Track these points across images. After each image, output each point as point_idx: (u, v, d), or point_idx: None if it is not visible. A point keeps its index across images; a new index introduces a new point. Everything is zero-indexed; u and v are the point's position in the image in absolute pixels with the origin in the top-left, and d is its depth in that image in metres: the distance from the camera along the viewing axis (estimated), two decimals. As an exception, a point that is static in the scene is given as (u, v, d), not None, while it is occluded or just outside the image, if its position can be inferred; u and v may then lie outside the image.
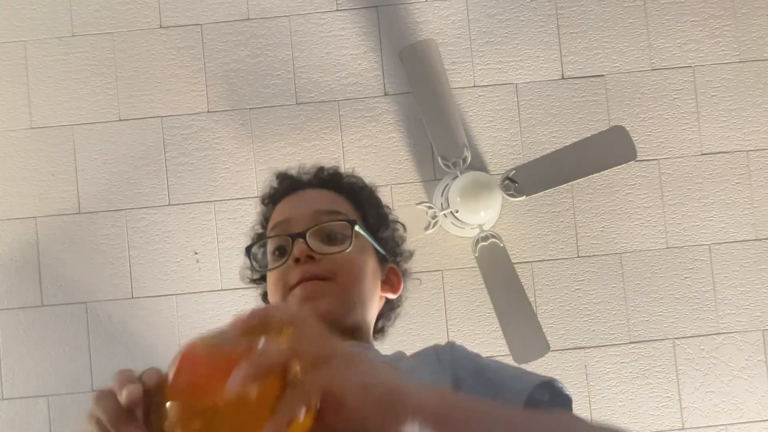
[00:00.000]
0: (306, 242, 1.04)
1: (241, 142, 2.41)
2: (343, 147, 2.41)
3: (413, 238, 2.23)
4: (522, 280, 2.23)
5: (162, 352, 2.36)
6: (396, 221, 1.24)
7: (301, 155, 2.41)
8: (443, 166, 2.24)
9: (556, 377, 0.89)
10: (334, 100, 2.42)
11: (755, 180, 2.45)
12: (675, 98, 2.45)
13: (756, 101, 2.46)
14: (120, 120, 2.41)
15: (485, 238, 2.24)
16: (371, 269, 1.10)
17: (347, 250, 1.05)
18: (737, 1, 2.46)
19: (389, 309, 1.17)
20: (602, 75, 2.45)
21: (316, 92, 2.42)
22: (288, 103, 2.42)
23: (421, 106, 2.23)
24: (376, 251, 1.13)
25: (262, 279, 1.18)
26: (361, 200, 1.17)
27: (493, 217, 2.33)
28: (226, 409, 0.57)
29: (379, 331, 1.16)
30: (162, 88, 2.42)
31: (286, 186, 1.18)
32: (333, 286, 1.03)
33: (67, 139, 2.40)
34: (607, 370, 2.40)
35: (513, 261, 2.25)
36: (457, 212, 2.23)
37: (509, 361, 2.24)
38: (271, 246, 1.10)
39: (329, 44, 2.44)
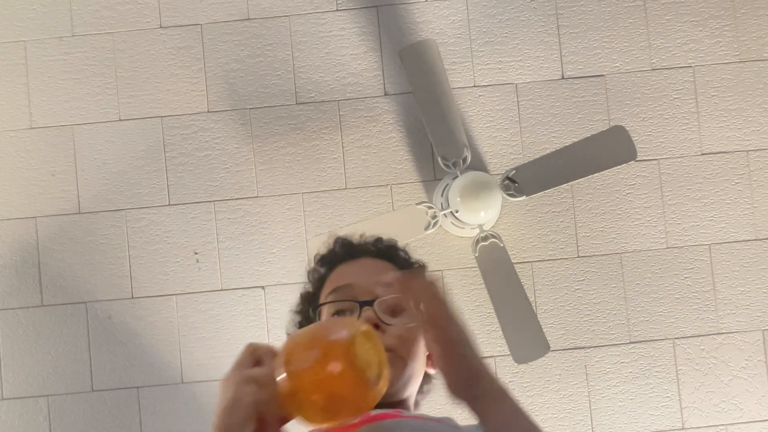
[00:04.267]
0: (375, 311, 1.06)
1: (241, 142, 2.41)
2: (343, 147, 2.41)
3: (413, 238, 2.23)
4: (522, 280, 2.23)
5: (162, 352, 2.36)
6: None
7: (301, 155, 2.41)
8: (443, 166, 2.24)
9: None
10: (334, 100, 2.42)
11: (755, 180, 2.45)
12: (675, 98, 2.45)
13: (756, 101, 2.46)
14: (120, 120, 2.41)
15: (485, 238, 2.24)
16: (423, 345, 1.11)
17: (412, 325, 1.06)
18: (737, 1, 2.46)
19: (425, 383, 1.18)
20: (602, 75, 2.45)
21: (316, 92, 2.42)
22: (288, 103, 2.42)
23: (421, 106, 2.23)
24: None
25: None
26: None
27: (493, 217, 2.33)
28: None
29: (415, 406, 1.17)
30: (162, 88, 2.42)
31: (346, 251, 1.20)
32: (393, 359, 1.03)
33: (67, 139, 2.40)
34: (607, 370, 2.40)
35: (513, 261, 2.25)
36: (457, 212, 2.23)
37: (509, 361, 2.24)
38: (330, 309, 1.11)
39: (329, 44, 2.44)
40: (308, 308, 1.17)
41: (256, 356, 0.93)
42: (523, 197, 2.22)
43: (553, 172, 2.23)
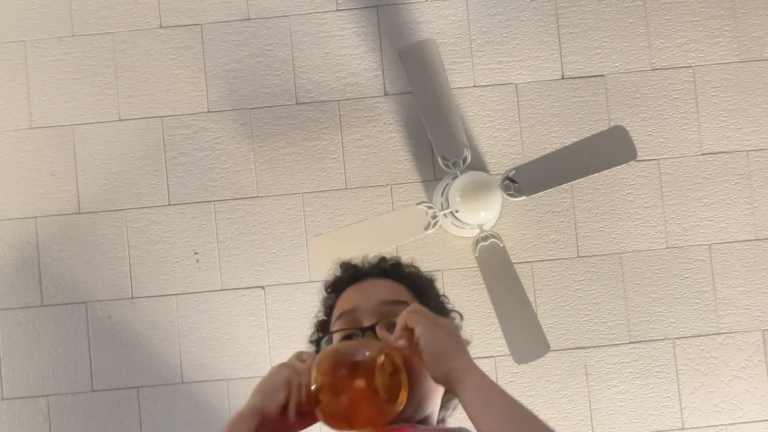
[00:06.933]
0: (376, 335, 1.09)
1: (241, 142, 2.41)
2: (343, 147, 2.41)
3: (413, 238, 2.23)
4: (522, 280, 2.23)
5: (162, 352, 2.36)
6: (453, 310, 1.29)
7: (301, 155, 2.41)
8: (443, 166, 2.24)
9: None
10: (334, 100, 2.42)
11: (755, 180, 2.45)
12: (675, 98, 2.45)
13: (756, 101, 2.46)
14: (120, 120, 2.41)
15: (485, 238, 2.24)
16: None
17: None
18: (737, 1, 2.46)
19: (447, 399, 1.20)
20: (602, 75, 2.45)
21: (316, 92, 2.42)
22: (288, 103, 2.42)
23: (421, 106, 2.23)
24: None
25: None
26: (421, 290, 1.22)
27: (493, 217, 2.33)
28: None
29: (440, 422, 1.19)
30: (162, 88, 2.42)
31: (350, 275, 1.23)
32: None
33: (67, 139, 2.40)
34: (607, 370, 2.40)
35: (513, 261, 2.25)
36: (457, 212, 2.23)
37: (509, 361, 2.24)
38: (338, 336, 1.15)
39: (329, 44, 2.44)
40: (320, 337, 1.21)
41: (302, 358, 1.06)
42: (523, 197, 2.22)
43: (553, 172, 2.23)
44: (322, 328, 1.23)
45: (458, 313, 1.28)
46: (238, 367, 2.35)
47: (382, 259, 1.26)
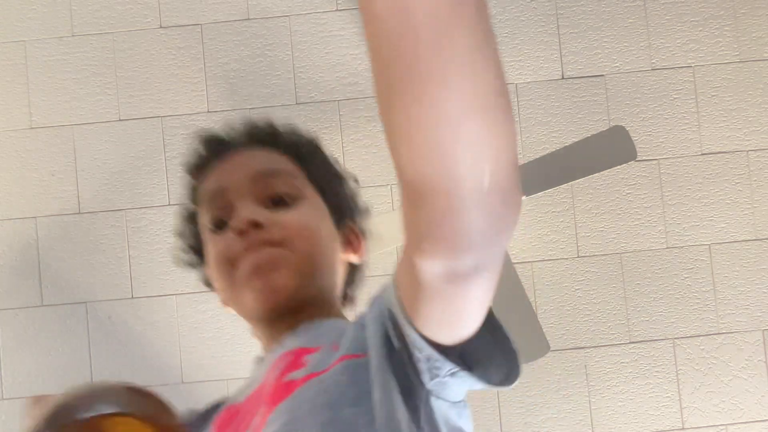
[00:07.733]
0: (249, 209, 0.90)
1: (241, 142, 2.41)
2: (343, 147, 2.41)
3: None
4: (522, 280, 2.23)
5: (162, 352, 2.36)
6: (346, 174, 1.05)
7: (301, 155, 2.41)
8: (443, 166, 2.24)
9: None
10: (334, 100, 2.42)
11: (755, 180, 2.45)
12: (675, 98, 2.45)
13: (756, 101, 2.46)
14: (120, 120, 2.41)
15: (485, 238, 2.24)
16: (326, 230, 0.96)
17: (298, 211, 0.92)
18: (737, 1, 2.46)
19: (354, 273, 1.03)
20: (602, 75, 2.45)
21: (316, 92, 2.42)
22: (288, 103, 2.42)
23: (421, 106, 2.22)
24: (329, 210, 0.98)
25: (200, 260, 1.03)
26: (304, 155, 0.99)
27: (493, 217, 2.32)
28: None
29: (347, 299, 1.02)
30: (162, 88, 2.42)
31: (214, 150, 1.00)
32: (288, 254, 0.89)
33: (67, 139, 2.40)
34: (607, 370, 2.40)
35: (513, 261, 2.25)
36: (457, 212, 2.23)
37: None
38: (206, 221, 0.96)
39: (329, 44, 2.44)
40: (190, 227, 1.02)
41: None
42: (523, 197, 2.22)
43: (553, 172, 2.23)
44: (191, 219, 1.03)
45: (353, 177, 1.06)
46: (238, 367, 2.35)
47: (252, 125, 1.01)
